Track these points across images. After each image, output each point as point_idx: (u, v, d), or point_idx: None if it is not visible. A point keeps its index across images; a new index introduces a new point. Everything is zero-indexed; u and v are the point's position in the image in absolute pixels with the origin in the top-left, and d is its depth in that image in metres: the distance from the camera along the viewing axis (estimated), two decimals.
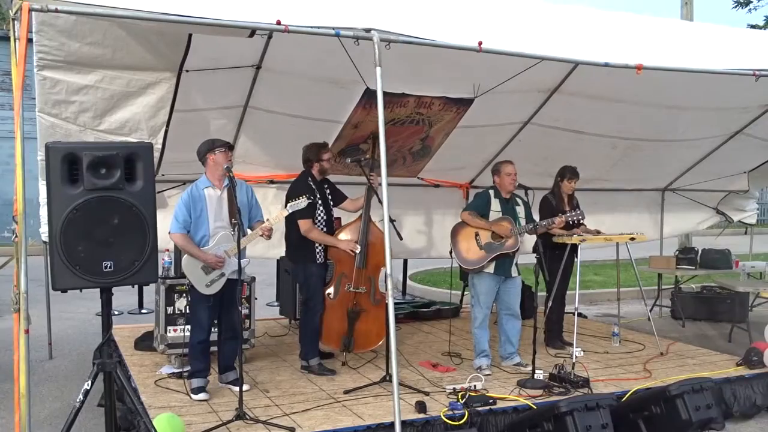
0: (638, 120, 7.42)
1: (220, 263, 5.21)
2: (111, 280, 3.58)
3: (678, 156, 8.54)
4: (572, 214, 6.36)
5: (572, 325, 6.52)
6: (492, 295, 6.19)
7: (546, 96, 6.98)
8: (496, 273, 6.12)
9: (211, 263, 5.21)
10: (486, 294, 6.15)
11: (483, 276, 6.13)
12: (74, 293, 3.74)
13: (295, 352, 6.29)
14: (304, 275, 6.04)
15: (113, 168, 3.56)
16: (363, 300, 6.13)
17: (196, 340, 5.37)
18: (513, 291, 6.23)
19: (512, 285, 6.22)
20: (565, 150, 7.64)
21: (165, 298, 6.08)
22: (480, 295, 6.16)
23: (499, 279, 6.15)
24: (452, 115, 6.93)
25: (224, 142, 5.36)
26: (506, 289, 6.21)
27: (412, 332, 7.73)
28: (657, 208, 9.56)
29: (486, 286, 6.14)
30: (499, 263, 6.10)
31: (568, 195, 7.01)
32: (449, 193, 8.67)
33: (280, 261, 7.88)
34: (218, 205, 5.28)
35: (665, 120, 7.47)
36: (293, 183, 6.13)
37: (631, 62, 5.13)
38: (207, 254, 5.21)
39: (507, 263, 6.14)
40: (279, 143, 6.89)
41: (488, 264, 6.07)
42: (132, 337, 6.91)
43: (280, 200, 7.14)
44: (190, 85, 5.61)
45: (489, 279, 6.13)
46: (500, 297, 6.23)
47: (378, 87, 4.40)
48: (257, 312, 6.57)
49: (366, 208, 6.12)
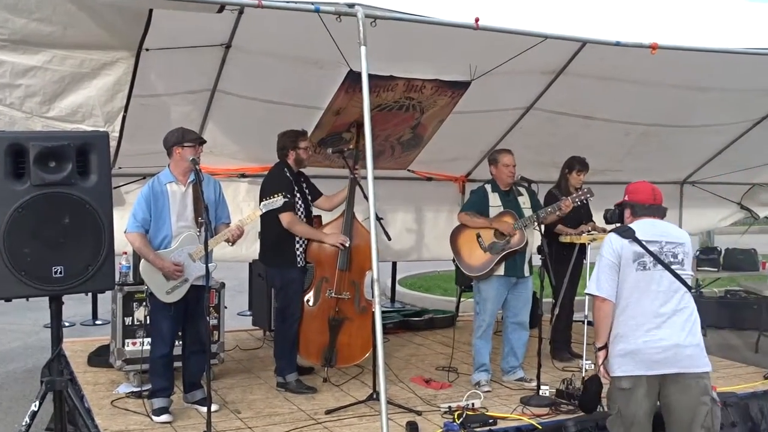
0: (653, 103, 7.46)
1: (177, 272, 5.20)
2: (61, 288, 3.57)
3: (698, 144, 8.59)
4: (579, 194, 6.38)
5: (581, 334, 6.56)
6: (500, 301, 6.19)
7: (551, 78, 7.00)
8: (506, 275, 6.11)
9: (167, 272, 5.20)
10: (493, 300, 6.15)
11: (491, 280, 6.11)
12: (20, 302, 3.72)
13: (270, 368, 6.29)
14: (281, 280, 6.04)
15: (64, 160, 3.55)
16: (346, 308, 6.13)
17: (157, 355, 5.35)
18: (523, 296, 6.24)
19: (523, 289, 6.23)
20: (572, 138, 7.67)
21: (122, 307, 6.05)
22: (486, 301, 6.16)
23: (509, 282, 6.15)
24: (446, 101, 6.94)
25: (196, 136, 5.37)
26: (516, 294, 6.21)
27: (402, 344, 7.74)
28: (674, 203, 9.59)
29: (494, 291, 6.13)
30: (509, 263, 6.10)
31: (576, 188, 7.04)
32: (443, 187, 8.69)
33: (253, 264, 7.87)
34: (182, 202, 5.26)
35: (683, 103, 7.51)
36: (267, 177, 6.13)
37: (645, 41, 5.16)
38: (163, 260, 5.19)
39: (518, 262, 6.13)
40: (251, 132, 6.87)
41: (497, 266, 6.09)
42: (85, 351, 6.87)
43: (253, 197, 7.15)
44: (150, 67, 5.58)
45: (498, 282, 6.12)
46: (508, 303, 6.24)
47: (363, 69, 4.40)
48: (227, 322, 6.57)
49: (349, 204, 6.13)
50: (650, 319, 4.10)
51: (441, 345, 7.21)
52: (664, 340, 4.06)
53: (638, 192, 4.40)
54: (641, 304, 4.12)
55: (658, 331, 4.07)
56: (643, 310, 4.11)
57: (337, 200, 6.25)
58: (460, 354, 6.91)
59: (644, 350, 4.07)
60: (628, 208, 4.40)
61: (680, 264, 4.18)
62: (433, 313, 8.93)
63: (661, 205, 4.37)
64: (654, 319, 4.09)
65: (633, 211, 4.37)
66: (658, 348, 4.06)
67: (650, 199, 4.36)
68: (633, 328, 4.11)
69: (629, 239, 4.18)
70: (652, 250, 4.16)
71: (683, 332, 4.09)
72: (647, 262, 4.14)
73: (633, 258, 4.16)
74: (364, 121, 4.57)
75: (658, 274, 4.13)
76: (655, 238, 4.20)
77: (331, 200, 6.27)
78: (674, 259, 4.17)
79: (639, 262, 4.15)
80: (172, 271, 5.18)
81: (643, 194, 4.38)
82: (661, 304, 4.11)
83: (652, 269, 4.14)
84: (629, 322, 4.13)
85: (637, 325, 4.11)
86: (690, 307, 4.15)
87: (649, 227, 4.25)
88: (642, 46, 5.15)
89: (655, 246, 4.17)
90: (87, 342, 7.34)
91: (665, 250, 4.18)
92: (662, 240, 4.20)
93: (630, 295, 4.14)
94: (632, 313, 4.13)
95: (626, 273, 4.16)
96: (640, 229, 4.22)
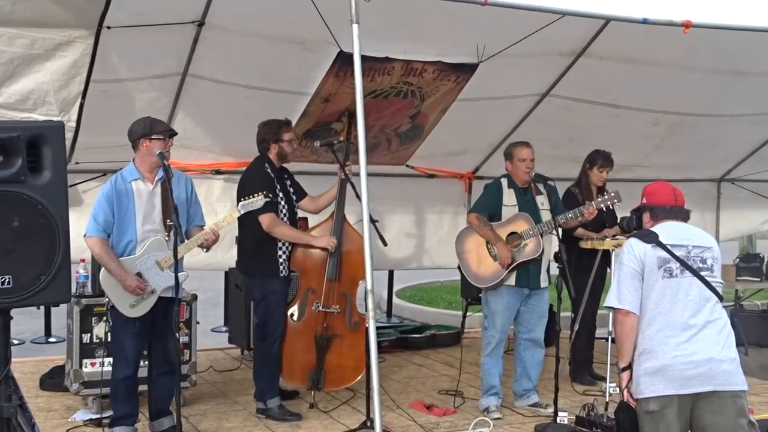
0: (686, 90, 7.48)
1: (140, 290, 5.20)
2: (9, 300, 3.56)
3: (737, 136, 8.61)
4: (604, 198, 6.38)
5: (605, 353, 6.57)
6: (511, 315, 6.21)
7: (569, 61, 7.02)
8: (518, 285, 6.13)
9: (128, 287, 5.18)
10: (504, 313, 6.16)
11: (500, 291, 6.13)
12: None
13: (249, 392, 6.29)
14: (262, 291, 6.04)
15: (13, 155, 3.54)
16: (336, 323, 6.14)
17: (119, 377, 5.35)
18: (538, 310, 6.26)
19: (538, 302, 6.24)
20: (594, 129, 7.69)
21: (79, 322, 6.04)
22: (495, 314, 6.17)
23: (521, 293, 6.17)
24: (450, 86, 6.95)
25: (167, 128, 5.37)
26: (530, 308, 6.23)
27: (400, 364, 7.76)
28: (711, 204, 9.62)
29: (504, 303, 6.15)
30: (522, 272, 6.12)
31: (599, 187, 7.06)
32: (447, 185, 8.71)
33: (230, 273, 7.87)
34: (149, 202, 5.27)
35: (721, 89, 7.53)
36: (246, 173, 6.14)
37: (676, 18, 5.17)
38: (126, 273, 5.18)
39: (533, 271, 6.15)
40: (228, 122, 6.88)
41: (507, 276, 6.10)
42: (37, 373, 6.88)
43: (230, 196, 7.13)
44: (112, 47, 5.59)
45: (509, 294, 6.14)
46: (521, 317, 6.25)
47: (355, 49, 4.40)
48: (199, 340, 6.57)
49: (339, 205, 6.13)
50: (680, 332, 4.11)
51: (444, 365, 7.22)
52: (697, 354, 4.07)
53: (657, 193, 4.43)
54: (669, 316, 4.13)
55: (689, 345, 4.08)
56: (672, 322, 4.13)
57: (323, 202, 6.25)
58: (466, 376, 6.92)
59: (675, 366, 4.07)
60: (647, 212, 4.42)
61: (710, 270, 4.20)
62: (436, 330, 8.95)
63: (683, 207, 4.40)
64: (684, 331, 4.10)
65: (653, 214, 4.39)
66: (690, 363, 4.06)
67: (671, 200, 4.38)
68: (661, 343, 4.12)
69: (652, 244, 4.19)
70: (679, 254, 4.17)
71: (717, 345, 4.10)
72: (674, 269, 4.16)
73: (658, 264, 4.17)
74: (356, 109, 4.57)
75: (687, 281, 4.15)
76: (681, 241, 4.21)
77: (317, 202, 6.27)
78: (703, 265, 4.19)
79: (665, 268, 4.16)
80: (134, 288, 5.17)
81: (663, 195, 4.41)
82: (692, 315, 4.12)
83: (679, 276, 4.15)
84: (657, 336, 4.14)
85: (665, 338, 4.12)
86: (723, 318, 4.17)
87: (673, 230, 4.27)
88: (673, 24, 5.17)
89: (681, 250, 4.19)
90: (39, 362, 7.35)
91: (692, 254, 4.19)
92: (688, 244, 4.21)
93: (656, 306, 4.16)
94: (660, 326, 4.14)
95: (651, 281, 4.17)
96: (663, 232, 4.24)
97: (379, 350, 4.73)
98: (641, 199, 4.49)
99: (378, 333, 4.66)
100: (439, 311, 11.58)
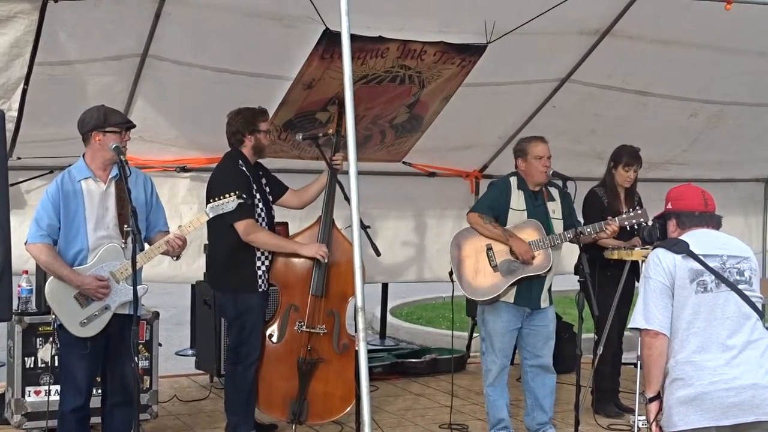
0: (729, 75, 7.50)
1: (102, 290, 5.18)
2: None
3: None
4: (630, 216, 6.40)
5: (633, 381, 6.57)
6: (512, 337, 6.23)
7: (593, 41, 7.04)
8: (517, 303, 6.15)
9: (89, 290, 5.17)
10: (502, 335, 6.18)
11: (499, 309, 6.15)
12: None
13: (220, 425, 6.29)
14: (235, 309, 6.04)
15: None
16: (322, 345, 6.14)
17: (69, 408, 5.32)
18: (543, 331, 6.28)
19: (541, 321, 6.26)
20: (620, 120, 7.72)
21: (22, 344, 6.05)
22: (494, 336, 6.19)
23: (522, 312, 6.19)
24: (454, 70, 6.96)
25: (123, 118, 5.37)
26: (533, 329, 6.24)
27: (396, 393, 7.77)
28: (758, 207, 9.64)
29: (502, 323, 6.17)
30: (523, 289, 6.14)
31: (626, 188, 7.06)
32: (450, 185, 8.73)
33: (197, 287, 7.86)
34: (102, 204, 5.25)
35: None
36: (216, 170, 6.15)
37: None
38: (82, 275, 5.17)
39: (534, 289, 6.18)
40: (194, 111, 6.89)
41: (506, 291, 6.11)
42: None
43: (197, 197, 7.14)
44: (60, 24, 5.58)
45: (507, 313, 6.16)
46: (524, 340, 6.27)
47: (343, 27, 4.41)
48: (161, 365, 6.57)
49: (327, 207, 6.13)
50: (717, 355, 4.12)
51: (446, 395, 7.21)
52: (738, 379, 4.08)
53: (684, 197, 4.44)
54: (705, 336, 4.14)
55: (729, 369, 4.09)
56: (708, 343, 4.13)
57: (311, 194, 6.27)
58: (471, 407, 6.94)
59: (713, 394, 4.08)
60: (673, 219, 4.43)
61: (748, 283, 4.21)
62: (437, 353, 8.94)
63: (714, 213, 4.41)
64: (722, 354, 4.11)
65: (679, 222, 4.40)
66: (730, 390, 4.07)
67: (700, 205, 4.39)
68: (696, 368, 4.13)
69: (682, 254, 4.20)
70: (713, 266, 4.18)
71: (761, 369, 4.11)
72: (708, 282, 4.17)
73: (690, 277, 4.18)
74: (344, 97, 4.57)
75: (723, 296, 4.16)
76: (715, 251, 4.22)
77: (303, 195, 6.30)
78: (740, 277, 4.20)
79: (698, 282, 4.17)
80: (96, 288, 5.14)
81: (691, 200, 4.42)
82: (730, 335, 4.13)
83: (714, 291, 4.16)
84: (691, 359, 4.14)
85: (701, 362, 4.12)
86: (765, 338, 4.18)
87: (705, 238, 4.28)
88: None
89: (715, 261, 4.20)
90: None
91: (728, 266, 4.21)
92: (723, 254, 4.23)
93: (690, 325, 4.16)
94: (694, 348, 4.15)
95: (683, 297, 4.18)
96: (693, 241, 4.25)
97: (371, 377, 4.72)
98: (665, 205, 4.49)
99: (370, 357, 4.66)
100: (440, 332, 11.57)
